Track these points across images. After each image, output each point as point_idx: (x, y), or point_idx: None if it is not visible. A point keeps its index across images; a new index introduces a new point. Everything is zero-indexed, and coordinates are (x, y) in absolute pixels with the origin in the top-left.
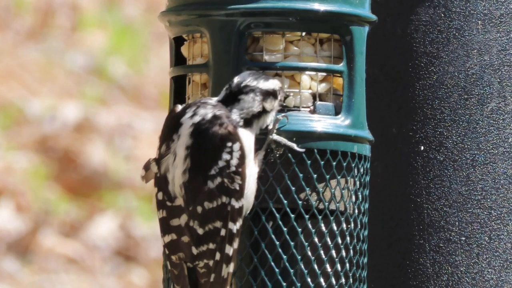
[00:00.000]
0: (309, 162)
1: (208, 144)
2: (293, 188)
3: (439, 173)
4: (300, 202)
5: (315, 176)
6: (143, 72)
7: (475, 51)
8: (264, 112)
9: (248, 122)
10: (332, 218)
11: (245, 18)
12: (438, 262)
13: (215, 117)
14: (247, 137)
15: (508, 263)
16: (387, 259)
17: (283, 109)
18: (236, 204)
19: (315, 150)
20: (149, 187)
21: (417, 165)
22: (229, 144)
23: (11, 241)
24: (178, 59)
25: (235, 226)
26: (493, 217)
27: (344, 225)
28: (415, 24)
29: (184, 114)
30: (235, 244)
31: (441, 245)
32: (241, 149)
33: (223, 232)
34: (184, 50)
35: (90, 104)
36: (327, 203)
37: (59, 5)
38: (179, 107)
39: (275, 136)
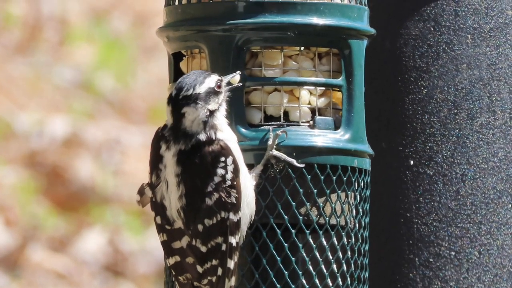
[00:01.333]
0: (309, 177)
1: (200, 165)
2: (294, 203)
3: (428, 187)
4: (301, 217)
5: (315, 191)
6: (131, 86)
7: (465, 65)
8: (214, 111)
9: (214, 127)
10: (333, 232)
11: (244, 33)
12: (427, 277)
13: (196, 145)
14: (232, 142)
15: (497, 278)
16: (377, 273)
17: (283, 124)
18: (234, 218)
19: (315, 165)
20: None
21: (407, 180)
22: (223, 159)
23: None
24: (177, 75)
25: (234, 240)
26: (482, 232)
27: (345, 240)
28: (404, 38)
29: (160, 147)
30: (235, 258)
31: (430, 259)
32: (234, 162)
33: (223, 246)
34: (183, 65)
35: (78, 119)
36: (327, 218)
37: (47, 19)
38: (161, 128)
39: (274, 152)
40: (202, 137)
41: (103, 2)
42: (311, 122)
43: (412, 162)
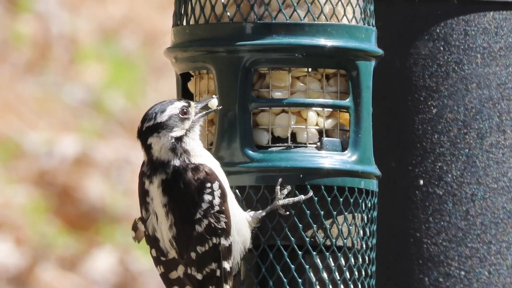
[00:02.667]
0: (316, 198)
1: (186, 193)
2: (301, 225)
3: (438, 207)
4: (308, 239)
5: (322, 212)
6: (141, 105)
7: (474, 85)
8: (180, 137)
9: (186, 152)
10: (339, 254)
11: (251, 54)
12: None
13: (176, 172)
14: (214, 166)
15: None
16: None
17: (290, 146)
18: (225, 243)
19: (322, 187)
20: None
21: (416, 200)
22: (208, 184)
23: (10, 275)
24: (184, 95)
25: (228, 264)
26: (492, 252)
27: (352, 261)
28: (414, 58)
29: (144, 183)
30: (231, 283)
31: (440, 279)
32: (220, 187)
33: (218, 272)
34: (191, 86)
35: (88, 138)
36: (334, 240)
37: (56, 39)
38: (141, 164)
39: (280, 202)
40: (177, 162)
41: (113, 21)
42: (318, 144)
43: (421, 182)
